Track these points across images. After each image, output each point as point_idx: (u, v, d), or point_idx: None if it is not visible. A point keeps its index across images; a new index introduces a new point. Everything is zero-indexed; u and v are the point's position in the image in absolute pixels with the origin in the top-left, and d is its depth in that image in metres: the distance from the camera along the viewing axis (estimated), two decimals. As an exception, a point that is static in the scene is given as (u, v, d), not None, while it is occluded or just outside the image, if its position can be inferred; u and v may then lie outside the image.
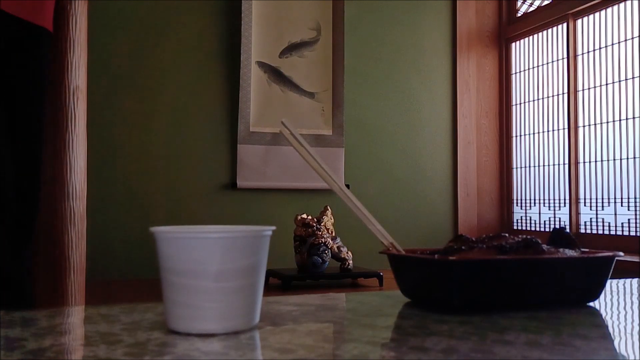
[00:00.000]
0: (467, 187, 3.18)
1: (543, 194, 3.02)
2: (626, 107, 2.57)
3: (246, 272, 0.54)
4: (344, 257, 2.46)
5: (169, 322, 0.55)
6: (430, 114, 3.15)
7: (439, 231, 3.10)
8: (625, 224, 2.57)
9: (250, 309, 0.55)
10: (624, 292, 0.84)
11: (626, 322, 0.66)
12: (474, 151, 3.21)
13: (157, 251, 0.55)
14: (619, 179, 2.59)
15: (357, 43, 3.03)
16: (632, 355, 0.51)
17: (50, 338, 0.53)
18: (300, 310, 0.67)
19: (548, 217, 3.00)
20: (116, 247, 2.65)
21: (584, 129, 2.78)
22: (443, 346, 0.49)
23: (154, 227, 0.55)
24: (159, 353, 0.48)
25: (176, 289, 0.54)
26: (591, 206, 2.75)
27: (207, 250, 0.53)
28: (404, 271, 0.71)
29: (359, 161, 3.00)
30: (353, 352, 0.48)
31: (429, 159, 3.14)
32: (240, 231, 0.55)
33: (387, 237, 0.71)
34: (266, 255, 0.56)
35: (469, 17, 3.22)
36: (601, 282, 0.70)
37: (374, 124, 3.01)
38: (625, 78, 2.58)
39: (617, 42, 2.63)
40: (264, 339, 0.52)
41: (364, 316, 0.65)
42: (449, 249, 0.69)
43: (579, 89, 2.82)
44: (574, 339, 0.53)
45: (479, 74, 3.24)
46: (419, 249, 0.73)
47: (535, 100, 3.08)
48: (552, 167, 2.97)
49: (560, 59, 2.92)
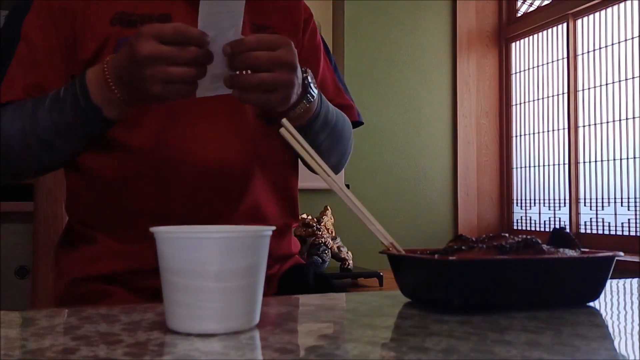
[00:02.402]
0: (467, 187, 3.18)
1: (543, 194, 3.02)
2: (626, 107, 2.57)
3: (246, 272, 0.54)
4: (344, 257, 2.46)
5: (169, 322, 0.55)
6: (430, 114, 3.15)
7: (439, 231, 3.10)
8: (625, 224, 2.57)
9: (250, 309, 0.55)
10: (624, 292, 0.84)
11: (626, 322, 0.66)
12: (474, 151, 3.21)
13: (157, 251, 0.55)
14: (619, 179, 2.59)
15: (357, 43, 3.03)
16: (632, 355, 0.51)
17: (50, 338, 0.53)
18: (300, 310, 0.67)
19: (548, 217, 3.00)
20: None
21: (584, 129, 2.78)
22: (443, 346, 0.49)
23: (154, 227, 0.55)
24: (159, 353, 0.48)
25: (176, 289, 0.54)
26: (591, 206, 2.75)
27: (207, 250, 0.53)
28: (404, 271, 0.71)
29: (359, 161, 3.00)
30: (353, 352, 0.48)
31: (429, 159, 3.13)
32: (240, 231, 0.55)
33: (387, 237, 0.71)
34: (266, 255, 0.56)
35: (469, 17, 3.22)
36: (601, 282, 0.70)
37: (373, 124, 3.01)
38: (625, 78, 2.58)
39: (617, 42, 2.63)
40: (264, 339, 0.53)
41: (364, 316, 0.65)
42: (449, 249, 0.69)
43: (579, 89, 2.81)
44: (574, 339, 0.53)
45: (479, 74, 3.24)
46: (419, 249, 0.73)
47: (535, 100, 3.08)
48: (552, 167, 2.97)
49: (560, 59, 2.92)
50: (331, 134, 1.05)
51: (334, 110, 1.07)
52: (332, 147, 1.08)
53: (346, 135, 1.13)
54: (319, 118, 1.00)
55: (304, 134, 0.93)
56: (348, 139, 1.16)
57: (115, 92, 0.86)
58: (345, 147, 1.15)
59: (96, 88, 0.87)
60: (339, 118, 1.09)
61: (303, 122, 0.96)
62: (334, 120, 1.06)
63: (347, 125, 1.13)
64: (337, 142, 1.10)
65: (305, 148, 0.73)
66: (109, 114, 0.89)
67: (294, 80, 0.88)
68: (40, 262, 1.71)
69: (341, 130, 1.10)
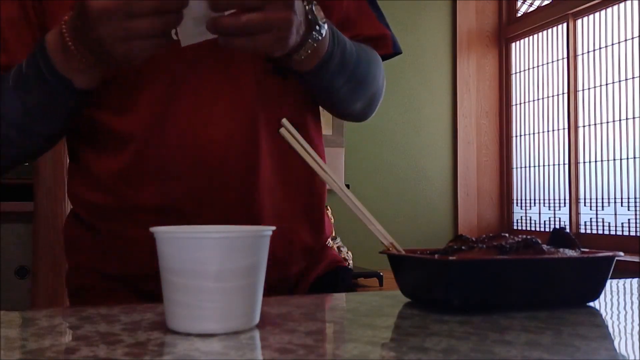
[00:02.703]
0: (467, 187, 3.18)
1: (543, 194, 3.02)
2: (626, 107, 2.57)
3: (246, 272, 0.54)
4: (344, 257, 2.46)
5: (169, 322, 0.55)
6: (430, 114, 3.15)
7: (439, 231, 3.10)
8: (625, 224, 2.57)
9: (250, 309, 0.55)
10: (624, 292, 0.84)
11: (626, 322, 0.66)
12: (474, 151, 3.21)
13: (158, 251, 0.55)
14: (619, 179, 2.59)
15: (357, 43, 3.03)
16: (632, 355, 0.51)
17: (50, 338, 0.53)
18: (300, 310, 0.67)
19: (548, 217, 3.00)
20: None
21: (584, 129, 2.78)
22: (443, 346, 0.49)
23: (154, 227, 0.55)
24: (159, 353, 0.48)
25: (176, 289, 0.54)
26: (591, 206, 2.75)
27: (207, 250, 0.53)
28: (404, 271, 0.71)
29: (359, 161, 3.00)
30: (353, 352, 0.48)
31: (429, 159, 3.13)
32: (241, 231, 0.55)
33: (387, 237, 0.71)
34: (266, 255, 0.56)
35: (469, 17, 3.22)
36: (601, 282, 0.70)
37: (374, 123, 3.01)
38: (625, 78, 2.58)
39: (617, 42, 2.63)
40: (264, 339, 0.52)
41: (364, 316, 0.65)
42: (449, 249, 0.69)
43: (579, 89, 2.81)
44: (574, 339, 0.53)
45: (479, 74, 3.24)
46: (419, 249, 0.73)
47: (535, 100, 3.08)
48: (552, 167, 2.96)
49: (560, 59, 2.92)
50: (352, 77, 0.90)
51: (354, 48, 0.90)
52: (355, 92, 0.93)
53: (373, 77, 0.97)
54: (332, 60, 0.84)
55: (316, 82, 0.82)
56: (376, 80, 0.98)
57: (80, 58, 0.74)
58: (373, 90, 0.98)
59: (59, 56, 0.75)
60: (361, 56, 0.92)
61: (310, 67, 0.82)
62: (355, 60, 0.90)
63: (374, 64, 0.97)
64: (362, 86, 0.94)
65: (305, 148, 0.73)
66: (80, 85, 0.77)
67: (291, 18, 0.73)
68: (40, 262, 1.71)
69: (365, 72, 0.93)
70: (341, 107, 0.98)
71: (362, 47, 0.93)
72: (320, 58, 0.82)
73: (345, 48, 0.86)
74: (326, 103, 0.98)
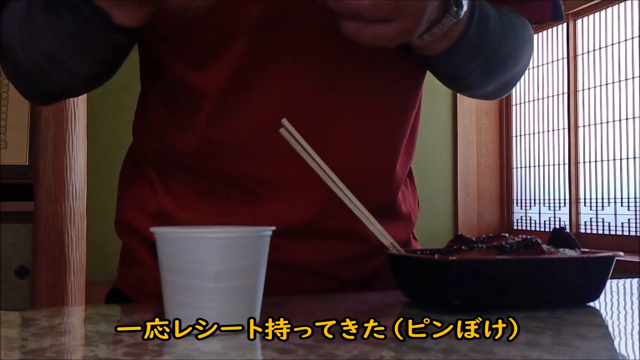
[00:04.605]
0: (467, 187, 3.18)
1: (543, 194, 3.02)
2: (626, 107, 2.57)
3: (246, 272, 0.54)
4: (344, 257, 2.46)
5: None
6: (430, 114, 3.15)
7: (439, 231, 3.10)
8: (625, 224, 2.57)
9: (250, 309, 0.55)
10: (624, 292, 0.84)
11: (626, 322, 0.66)
12: (474, 151, 3.21)
13: (157, 251, 0.55)
14: (619, 179, 2.59)
15: (357, 43, 3.03)
16: (632, 355, 0.51)
17: (50, 338, 0.53)
18: (300, 310, 0.67)
19: (548, 217, 3.00)
20: (116, 247, 2.65)
21: (584, 129, 2.78)
22: (443, 346, 0.49)
23: (154, 227, 0.55)
24: (159, 353, 0.48)
25: (176, 289, 0.54)
26: (591, 206, 2.75)
27: (207, 250, 0.53)
28: (404, 271, 0.71)
29: (359, 161, 3.00)
30: (353, 352, 0.48)
31: (429, 159, 3.13)
32: (241, 231, 0.55)
33: (387, 237, 0.71)
34: (266, 255, 0.56)
35: (469, 17, 3.22)
36: (601, 282, 0.70)
37: (374, 124, 3.01)
38: (625, 78, 2.58)
39: (617, 42, 2.63)
40: (264, 339, 0.52)
41: (364, 316, 0.65)
42: (449, 249, 0.69)
43: (579, 89, 2.82)
44: (574, 339, 0.53)
45: (479, 74, 3.24)
46: (419, 249, 0.73)
47: (535, 100, 3.08)
48: (552, 167, 2.96)
49: (560, 59, 2.92)
50: (488, 61, 0.72)
51: (499, 23, 0.70)
52: (489, 76, 0.76)
53: (517, 59, 0.77)
54: (464, 44, 0.66)
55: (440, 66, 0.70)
56: (519, 63, 0.78)
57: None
58: (513, 73, 0.79)
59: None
60: (507, 35, 0.72)
61: (435, 52, 0.66)
62: (497, 40, 0.70)
63: (519, 45, 0.76)
64: (499, 71, 0.76)
65: (306, 149, 0.72)
66: (121, 20, 0.63)
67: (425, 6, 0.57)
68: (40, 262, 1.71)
69: (507, 55, 0.74)
70: (466, 91, 0.85)
71: (509, 20, 0.73)
72: (451, 41, 0.65)
73: (486, 26, 0.68)
74: (450, 84, 0.83)
